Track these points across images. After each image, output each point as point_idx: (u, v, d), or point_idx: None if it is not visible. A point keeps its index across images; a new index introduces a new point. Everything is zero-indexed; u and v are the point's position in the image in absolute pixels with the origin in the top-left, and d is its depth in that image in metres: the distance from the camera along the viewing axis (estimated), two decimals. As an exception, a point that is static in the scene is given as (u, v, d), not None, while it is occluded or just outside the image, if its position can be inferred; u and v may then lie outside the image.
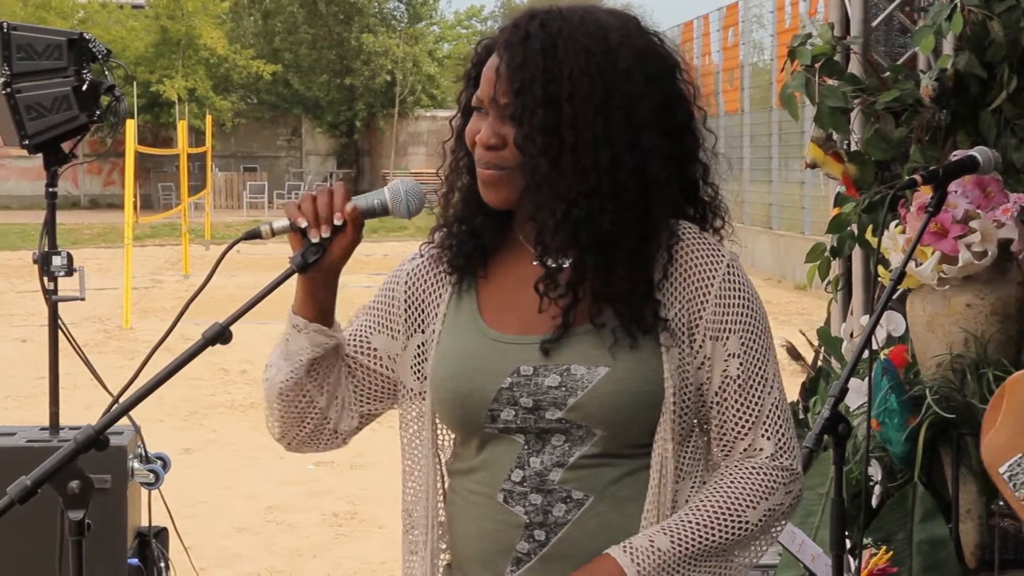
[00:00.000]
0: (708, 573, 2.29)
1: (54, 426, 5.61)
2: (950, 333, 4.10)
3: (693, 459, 2.36)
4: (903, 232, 4.17)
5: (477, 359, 2.35)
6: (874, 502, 4.15)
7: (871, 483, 4.14)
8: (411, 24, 48.13)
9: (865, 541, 3.95)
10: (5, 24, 5.52)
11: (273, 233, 2.30)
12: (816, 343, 5.09)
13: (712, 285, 2.32)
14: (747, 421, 2.33)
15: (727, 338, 2.32)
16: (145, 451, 5.49)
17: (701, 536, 2.27)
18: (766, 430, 2.33)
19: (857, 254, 5.00)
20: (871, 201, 4.62)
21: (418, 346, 2.43)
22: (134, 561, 5.54)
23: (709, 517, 2.29)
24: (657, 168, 2.28)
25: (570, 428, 2.30)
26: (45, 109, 5.43)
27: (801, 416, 4.86)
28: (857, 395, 4.06)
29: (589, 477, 2.30)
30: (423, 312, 2.44)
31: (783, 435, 2.34)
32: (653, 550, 2.25)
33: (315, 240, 2.31)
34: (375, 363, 2.47)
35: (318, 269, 2.35)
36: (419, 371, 2.43)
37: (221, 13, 44.77)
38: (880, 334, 4.28)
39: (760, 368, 2.34)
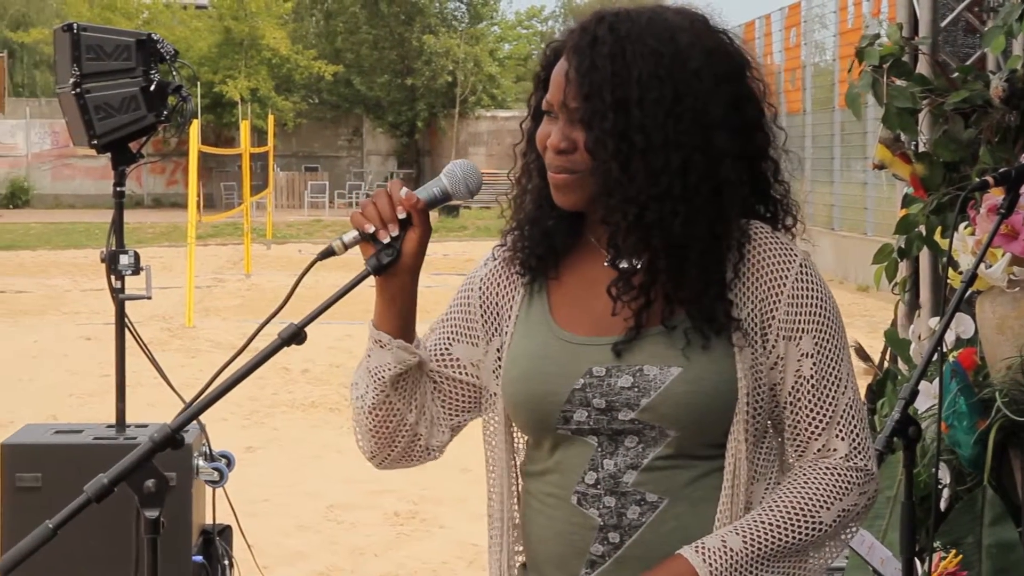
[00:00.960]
0: (781, 574, 2.28)
1: (120, 423, 5.65)
2: (1020, 335, 4.06)
3: (767, 461, 2.35)
4: (972, 234, 4.14)
5: (549, 360, 2.35)
6: (942, 505, 4.12)
7: (940, 486, 4.11)
8: (472, 24, 48.18)
9: (934, 544, 3.92)
10: (75, 25, 5.57)
11: (345, 247, 2.31)
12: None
13: (785, 285, 2.31)
14: (821, 421, 2.32)
15: (800, 338, 2.31)
16: (210, 449, 5.53)
17: (774, 536, 2.26)
18: (840, 430, 2.32)
19: (925, 255, 4.96)
20: (939, 202, 4.59)
21: (497, 349, 2.44)
22: (198, 558, 5.59)
23: (782, 517, 2.28)
24: (728, 169, 2.27)
25: (643, 429, 2.30)
26: (113, 109, 5.48)
27: (868, 418, 4.82)
28: (925, 398, 4.03)
29: (663, 479, 2.30)
30: (498, 315, 2.45)
31: (857, 435, 2.33)
32: (725, 550, 2.24)
33: (385, 241, 2.31)
34: (459, 372, 2.47)
35: (395, 271, 2.34)
36: (499, 374, 2.44)
37: (284, 14, 44.97)
38: (949, 336, 4.24)
39: (834, 368, 2.32)
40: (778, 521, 2.27)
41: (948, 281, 4.21)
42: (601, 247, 2.37)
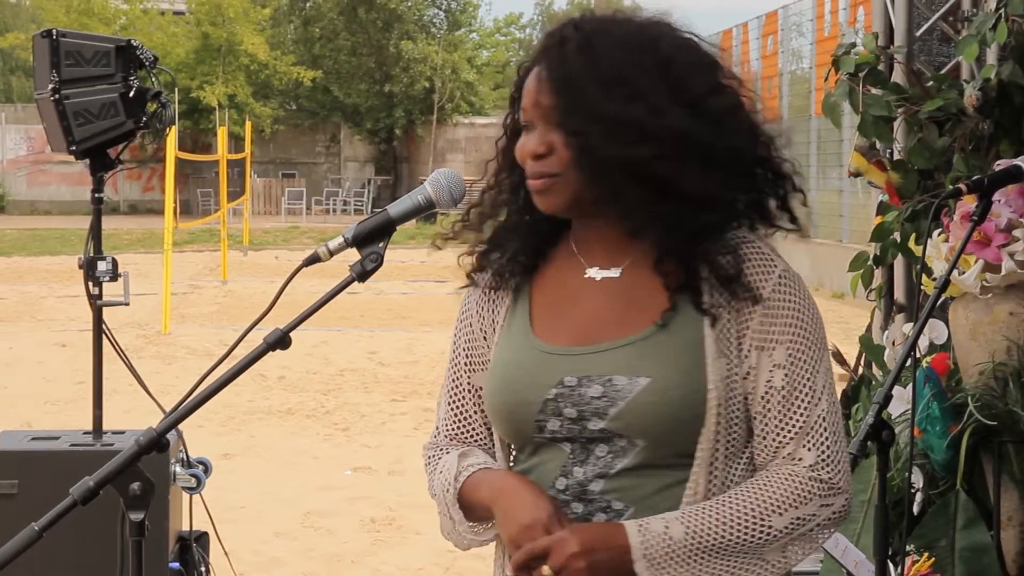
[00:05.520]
0: (723, 570, 2.26)
1: (97, 430, 5.63)
2: (992, 341, 4.10)
3: (744, 474, 2.34)
4: (946, 240, 4.17)
5: (523, 370, 2.37)
6: (915, 509, 4.15)
7: (913, 490, 4.14)
8: (450, 31, 48.13)
9: (907, 548, 3.95)
10: (55, 31, 5.57)
11: (331, 254, 2.33)
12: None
13: (761, 295, 2.30)
14: (789, 432, 2.30)
15: (773, 349, 2.30)
16: (187, 455, 5.52)
17: (718, 532, 2.25)
18: (809, 441, 2.29)
19: (899, 262, 5.00)
20: (914, 210, 4.63)
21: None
22: (175, 565, 5.58)
23: (731, 515, 2.26)
24: (695, 154, 2.26)
25: (612, 438, 2.31)
26: (92, 115, 5.47)
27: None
28: (899, 402, 4.06)
29: (630, 488, 2.31)
30: (494, 332, 2.48)
31: (827, 448, 2.29)
32: (665, 538, 2.23)
33: None
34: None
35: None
36: None
37: (262, 20, 44.86)
38: (922, 342, 4.28)
39: (807, 380, 2.30)
40: (725, 518, 2.25)
41: (922, 288, 4.25)
42: (582, 257, 2.39)
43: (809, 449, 2.28)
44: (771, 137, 2.37)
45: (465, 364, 2.51)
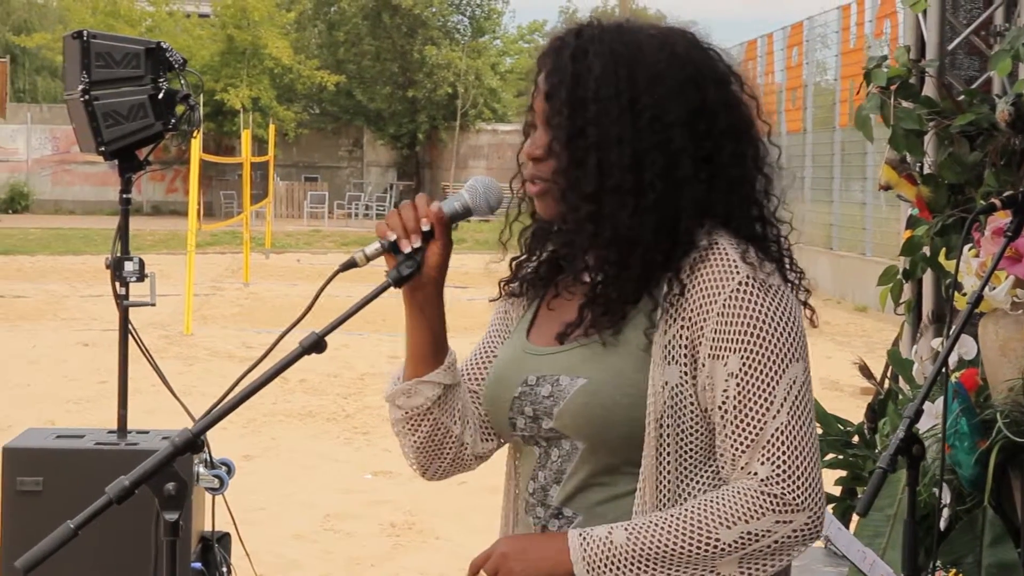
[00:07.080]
0: None
1: (122, 429, 5.65)
2: (1022, 357, 4.09)
3: (708, 489, 2.28)
4: (976, 256, 4.16)
5: (505, 367, 2.42)
6: (942, 525, 4.14)
7: (940, 506, 4.13)
8: (474, 37, 48.19)
9: (935, 564, 3.94)
10: (85, 32, 5.60)
11: (367, 259, 2.32)
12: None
13: (716, 302, 2.24)
14: (744, 444, 2.22)
15: (727, 358, 2.22)
16: (210, 456, 5.53)
17: (662, 540, 2.20)
18: (763, 455, 2.21)
19: (928, 277, 4.99)
20: (944, 224, 4.62)
21: None
22: (197, 565, 5.59)
23: (677, 524, 2.20)
24: (686, 168, 2.26)
25: (560, 439, 2.33)
26: (122, 117, 5.51)
27: (868, 437, 4.85)
28: (928, 418, 4.05)
29: (580, 497, 2.33)
30: (509, 333, 2.52)
31: (784, 463, 2.20)
32: (606, 542, 2.21)
33: (407, 250, 2.32)
34: None
35: (419, 284, 2.36)
36: None
37: (286, 23, 44.95)
38: (951, 357, 4.27)
39: (764, 391, 2.22)
40: (670, 527, 2.20)
41: (952, 303, 4.24)
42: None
43: (763, 463, 2.20)
44: (762, 158, 2.35)
45: (493, 337, 2.54)
